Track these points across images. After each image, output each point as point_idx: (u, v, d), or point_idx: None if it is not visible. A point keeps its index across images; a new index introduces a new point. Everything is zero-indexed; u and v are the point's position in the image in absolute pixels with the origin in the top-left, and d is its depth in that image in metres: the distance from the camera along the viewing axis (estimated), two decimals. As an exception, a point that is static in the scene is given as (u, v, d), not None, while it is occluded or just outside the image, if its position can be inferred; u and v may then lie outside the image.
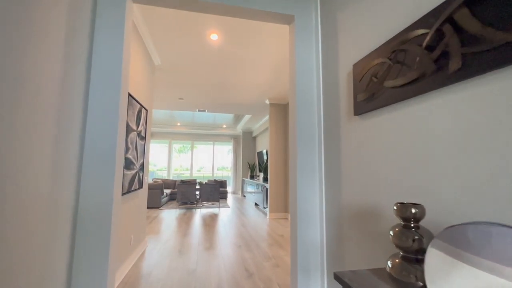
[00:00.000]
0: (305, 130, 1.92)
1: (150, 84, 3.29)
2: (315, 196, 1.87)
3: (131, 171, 2.47)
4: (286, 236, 3.92)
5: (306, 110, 1.93)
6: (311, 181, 1.88)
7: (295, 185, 1.88)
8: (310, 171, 1.88)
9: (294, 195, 1.90)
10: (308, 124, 1.93)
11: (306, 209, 1.85)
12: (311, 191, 1.87)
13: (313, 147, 1.91)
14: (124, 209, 2.41)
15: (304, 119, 1.93)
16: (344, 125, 1.57)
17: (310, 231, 1.84)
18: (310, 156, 1.90)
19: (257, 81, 4.44)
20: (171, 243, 3.45)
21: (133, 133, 2.49)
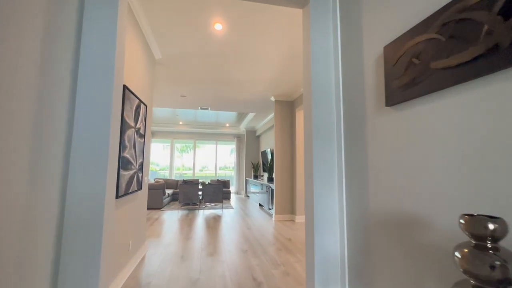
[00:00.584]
0: (322, 126, 1.70)
1: (150, 79, 3.08)
2: (333, 200, 1.65)
3: (128, 172, 2.27)
4: (294, 239, 3.70)
5: (323, 104, 1.72)
6: (329, 184, 1.66)
7: (311, 188, 1.67)
8: (328, 172, 1.67)
9: (310, 198, 1.69)
10: (326, 120, 1.71)
11: (324, 214, 1.64)
12: (329, 194, 1.66)
13: (331, 145, 1.69)
14: (121, 212, 2.22)
15: (321, 115, 1.71)
16: (371, 119, 1.35)
17: (328, 239, 1.63)
18: (328, 156, 1.68)
19: (262, 76, 4.23)
20: (173, 248, 3.25)
21: (131, 130, 2.28)
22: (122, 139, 2.04)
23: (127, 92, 2.15)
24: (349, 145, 1.56)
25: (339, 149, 1.65)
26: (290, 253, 3.13)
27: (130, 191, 2.33)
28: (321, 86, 1.73)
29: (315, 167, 1.66)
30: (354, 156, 1.50)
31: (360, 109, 1.45)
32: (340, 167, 1.63)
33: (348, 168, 1.56)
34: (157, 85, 4.77)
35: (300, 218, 5.04)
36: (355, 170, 1.49)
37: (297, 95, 5.17)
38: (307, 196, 1.73)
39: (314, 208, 1.64)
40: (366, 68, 1.41)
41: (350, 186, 1.54)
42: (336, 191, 1.67)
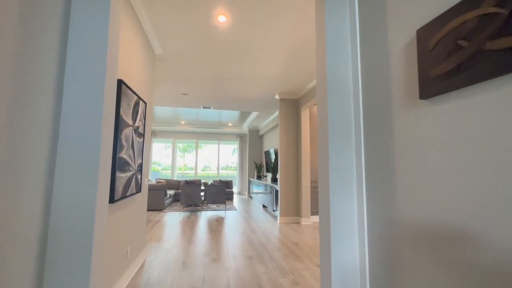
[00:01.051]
0: (338, 122, 1.53)
1: (150, 75, 2.93)
2: (351, 206, 1.48)
3: (126, 173, 2.11)
4: (301, 244, 3.53)
5: (339, 98, 1.54)
6: (346, 187, 1.49)
7: (327, 191, 1.49)
8: (345, 174, 1.49)
9: (325, 203, 1.51)
10: (343, 115, 1.53)
11: (342, 221, 1.46)
12: (347, 199, 1.48)
13: (349, 144, 1.52)
14: (118, 217, 2.06)
15: (338, 109, 1.53)
16: (399, 114, 1.18)
17: (346, 249, 1.46)
18: (346, 156, 1.50)
19: (267, 72, 4.06)
20: (174, 253, 3.09)
21: (128, 128, 2.12)
22: (118, 138, 1.88)
23: (124, 87, 1.99)
24: (371, 144, 1.38)
25: (358, 149, 1.48)
26: (298, 259, 2.95)
27: (128, 194, 2.17)
28: (337, 77, 1.56)
29: (331, 168, 1.49)
30: (377, 156, 1.32)
31: (384, 103, 1.28)
32: (359, 168, 1.46)
33: (369, 170, 1.39)
34: (158, 83, 4.61)
35: (306, 220, 4.86)
36: (378, 172, 1.31)
37: (302, 93, 4.99)
38: (321, 201, 1.56)
39: (330, 215, 1.46)
40: (392, 56, 1.23)
41: (372, 190, 1.37)
42: (354, 196, 1.49)
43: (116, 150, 1.87)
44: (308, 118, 5.12)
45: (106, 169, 1.34)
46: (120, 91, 1.90)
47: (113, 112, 1.41)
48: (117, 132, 1.88)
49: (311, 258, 2.99)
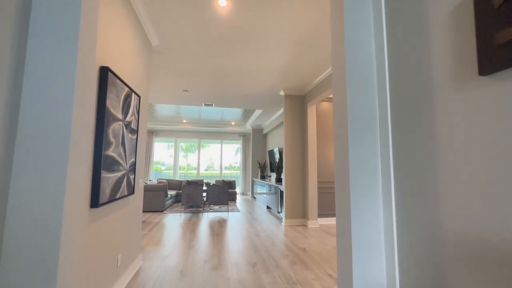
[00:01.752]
0: (360, 116, 1.27)
1: (145, 67, 2.70)
2: (377, 215, 1.23)
3: (115, 174, 1.88)
4: (309, 249, 3.27)
5: (361, 86, 1.29)
6: (370, 193, 1.23)
7: (347, 197, 1.24)
8: (368, 177, 1.24)
9: (344, 211, 1.26)
10: (365, 107, 1.28)
11: (365, 234, 1.21)
12: (371, 206, 1.23)
13: (372, 141, 1.27)
14: (105, 223, 1.83)
15: (358, 100, 1.28)
16: (444, 99, 0.92)
17: (371, 268, 1.20)
18: (369, 154, 1.25)
19: (271, 65, 3.81)
20: (172, 260, 2.86)
21: (117, 123, 1.90)
22: (103, 134, 1.65)
23: (111, 76, 1.76)
24: (401, 139, 1.13)
25: (384, 145, 1.22)
26: (306, 267, 2.70)
27: (117, 196, 1.95)
28: (358, 59, 1.30)
29: (352, 169, 1.24)
30: (411, 154, 1.07)
31: (420, 87, 1.02)
32: (386, 169, 1.21)
33: (400, 171, 1.13)
34: (158, 79, 4.40)
35: (313, 223, 4.60)
36: (411, 174, 1.06)
37: (309, 88, 4.73)
38: (340, 207, 1.31)
39: (351, 224, 1.21)
40: (433, 25, 0.98)
41: (403, 196, 1.11)
42: (380, 203, 1.24)
43: (101, 147, 1.64)
44: (314, 115, 4.86)
45: (80, 169, 1.11)
46: (105, 80, 1.68)
47: (87, 103, 1.17)
48: (102, 126, 1.65)
49: (320, 265, 2.74)
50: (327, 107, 5.11)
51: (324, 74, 4.06)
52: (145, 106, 2.71)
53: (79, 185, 1.10)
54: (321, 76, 4.16)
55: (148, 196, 5.89)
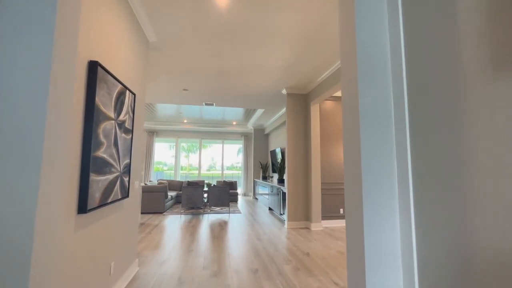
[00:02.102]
0: (373, 112, 1.13)
1: (141, 64, 2.58)
2: (393, 223, 1.09)
3: (106, 176, 1.76)
4: (313, 254, 3.13)
5: (374, 79, 1.15)
6: (385, 198, 1.10)
7: (359, 202, 1.11)
8: (383, 180, 1.10)
9: (356, 217, 1.13)
10: (378, 105, 1.14)
11: (380, 242, 1.07)
12: (386, 213, 1.09)
13: (387, 142, 1.13)
14: (95, 229, 1.71)
15: (372, 95, 1.14)
16: (481, 92, 0.78)
17: (386, 279, 1.07)
18: (383, 157, 1.11)
19: (273, 63, 3.67)
20: (170, 265, 2.74)
21: (109, 122, 1.77)
22: (92, 133, 1.53)
23: (102, 72, 1.63)
24: (421, 138, 0.99)
25: (401, 145, 1.09)
26: (310, 274, 2.56)
27: (109, 200, 1.82)
28: (370, 50, 1.16)
29: (365, 171, 1.10)
30: (433, 155, 0.93)
31: (448, 77, 0.88)
32: (403, 172, 1.07)
33: (420, 174, 0.99)
34: (157, 78, 4.28)
35: (316, 226, 4.46)
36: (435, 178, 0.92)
37: (312, 86, 4.59)
38: (350, 212, 1.18)
39: (364, 231, 1.08)
40: (460, 5, 0.84)
41: (423, 202, 0.97)
42: (396, 209, 1.10)
43: (90, 147, 1.51)
44: (318, 115, 4.71)
45: (59, 173, 0.98)
46: (95, 75, 1.55)
47: (72, 99, 1.05)
48: (90, 125, 1.52)
49: (325, 272, 2.60)
50: (331, 106, 4.97)
51: (328, 72, 3.92)
52: (141, 105, 2.58)
53: (58, 191, 0.98)
54: (325, 74, 4.02)
55: (148, 197, 5.78)
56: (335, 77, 3.77)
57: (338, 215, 4.73)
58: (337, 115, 4.96)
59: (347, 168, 1.22)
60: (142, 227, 4.43)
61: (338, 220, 4.72)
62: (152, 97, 5.46)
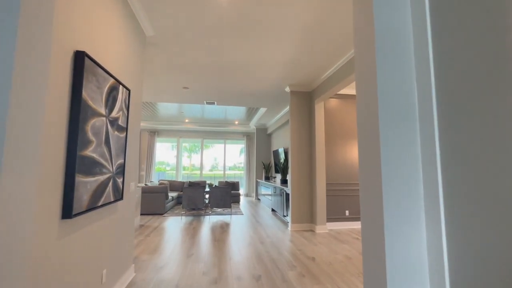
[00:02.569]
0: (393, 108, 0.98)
1: (137, 59, 2.44)
2: (418, 232, 0.94)
3: (96, 177, 1.62)
4: (319, 259, 2.98)
5: (395, 66, 1.00)
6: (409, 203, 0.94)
7: (379, 208, 0.95)
8: (407, 181, 0.95)
9: (375, 226, 0.97)
10: (400, 96, 0.99)
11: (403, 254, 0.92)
12: (409, 220, 0.94)
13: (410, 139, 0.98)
14: (84, 235, 1.57)
15: (392, 85, 0.99)
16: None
17: (410, 300, 0.91)
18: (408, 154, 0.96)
19: (276, 59, 3.52)
20: (168, 271, 2.60)
21: (99, 119, 1.64)
22: (79, 130, 1.39)
23: (90, 64, 1.50)
24: (454, 135, 0.83)
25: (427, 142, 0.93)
26: (317, 281, 2.41)
27: (100, 203, 1.69)
28: (391, 35, 1.01)
29: (385, 174, 0.95)
30: (473, 155, 0.77)
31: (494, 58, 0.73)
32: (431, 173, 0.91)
33: (453, 178, 0.84)
34: (156, 75, 4.15)
35: (321, 228, 4.30)
36: (475, 182, 0.76)
37: (316, 84, 4.43)
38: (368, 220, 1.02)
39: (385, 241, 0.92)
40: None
41: (457, 210, 0.82)
42: (422, 218, 0.95)
43: (75, 146, 1.37)
44: (322, 113, 4.55)
45: (27, 177, 0.84)
46: (81, 66, 1.41)
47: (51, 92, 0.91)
48: (76, 122, 1.39)
49: (332, 279, 2.44)
50: (336, 104, 4.80)
51: (334, 68, 3.76)
52: (137, 101, 2.45)
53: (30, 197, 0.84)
54: (330, 70, 3.86)
55: (148, 198, 5.65)
56: (341, 74, 3.61)
57: (344, 217, 4.57)
58: (342, 114, 4.80)
59: (363, 168, 1.07)
60: (141, 229, 4.31)
61: (344, 222, 4.55)
62: (152, 96, 5.34)
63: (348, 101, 4.85)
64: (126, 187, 2.22)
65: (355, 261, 2.92)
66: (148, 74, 4.14)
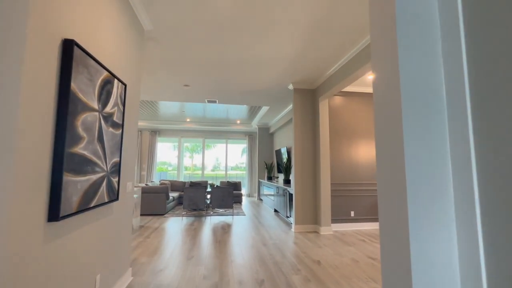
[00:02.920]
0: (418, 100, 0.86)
1: (135, 53, 2.33)
2: (449, 247, 0.81)
3: (88, 176, 1.51)
4: (324, 262, 2.85)
5: (418, 58, 0.88)
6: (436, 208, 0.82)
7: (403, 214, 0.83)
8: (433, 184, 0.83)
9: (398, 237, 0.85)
10: (426, 88, 0.87)
11: (433, 271, 0.80)
12: (438, 233, 0.82)
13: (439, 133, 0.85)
14: (75, 238, 1.46)
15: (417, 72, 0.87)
16: None
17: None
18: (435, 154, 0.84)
19: (280, 53, 3.40)
20: (167, 275, 2.49)
21: (91, 114, 1.53)
22: (68, 125, 1.28)
23: (80, 53, 1.39)
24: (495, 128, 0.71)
25: (459, 137, 0.81)
26: (323, 286, 2.28)
27: (93, 204, 1.58)
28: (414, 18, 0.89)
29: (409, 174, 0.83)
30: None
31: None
32: (464, 172, 0.79)
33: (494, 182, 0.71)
34: (156, 73, 4.05)
35: (325, 229, 4.17)
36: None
37: (321, 81, 4.31)
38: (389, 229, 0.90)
39: (411, 264, 0.80)
40: None
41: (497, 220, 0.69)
42: (453, 228, 0.83)
43: (63, 142, 1.26)
44: (327, 111, 4.42)
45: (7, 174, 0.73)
46: (70, 56, 1.30)
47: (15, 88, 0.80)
48: (65, 116, 1.28)
49: (339, 284, 2.32)
50: (340, 102, 4.67)
51: (339, 64, 3.63)
52: (134, 97, 2.34)
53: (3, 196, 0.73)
54: (335, 66, 3.73)
55: (148, 198, 5.56)
56: (346, 70, 3.48)
57: (349, 218, 4.44)
58: (347, 111, 4.66)
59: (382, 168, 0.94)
60: (141, 231, 4.20)
61: (349, 224, 4.42)
62: (152, 94, 5.24)
63: (354, 99, 4.71)
64: (122, 187, 2.12)
65: (362, 264, 2.79)
66: (148, 72, 4.04)
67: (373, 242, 3.62)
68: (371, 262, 2.85)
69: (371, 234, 4.09)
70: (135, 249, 3.25)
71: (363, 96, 4.74)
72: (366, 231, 4.29)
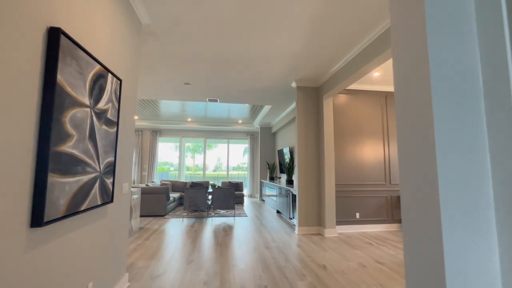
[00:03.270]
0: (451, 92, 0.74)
1: (131, 48, 2.22)
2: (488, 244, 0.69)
3: (78, 177, 1.40)
4: (330, 267, 2.72)
5: (451, 44, 0.75)
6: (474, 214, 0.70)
7: (435, 221, 0.71)
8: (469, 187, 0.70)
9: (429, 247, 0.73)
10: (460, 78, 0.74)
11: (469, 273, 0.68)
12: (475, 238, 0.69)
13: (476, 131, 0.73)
14: (62, 245, 1.34)
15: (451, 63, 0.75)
16: None
17: None
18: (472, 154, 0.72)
19: (283, 49, 3.28)
20: (165, 280, 2.37)
21: (81, 109, 1.41)
22: (54, 121, 1.17)
23: (67, 43, 1.27)
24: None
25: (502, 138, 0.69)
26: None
27: (83, 207, 1.46)
28: None
29: (442, 176, 0.70)
30: None
31: None
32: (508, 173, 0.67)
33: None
34: (156, 70, 3.94)
35: (330, 232, 4.04)
36: None
37: (325, 78, 4.18)
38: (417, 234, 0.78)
39: (445, 265, 0.68)
40: None
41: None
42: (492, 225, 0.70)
43: (48, 140, 1.15)
44: (331, 109, 4.29)
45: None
46: (56, 45, 1.19)
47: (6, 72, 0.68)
48: (50, 111, 1.16)
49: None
50: (345, 100, 4.54)
51: (344, 61, 3.50)
52: (130, 93, 2.23)
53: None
54: (340, 63, 3.61)
55: (148, 199, 5.45)
56: (351, 67, 3.35)
57: (355, 220, 4.30)
58: (352, 110, 4.53)
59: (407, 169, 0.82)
60: (140, 232, 4.10)
61: (355, 226, 4.29)
62: (152, 93, 5.14)
63: (359, 97, 4.58)
64: (117, 189, 2.00)
65: (370, 269, 2.66)
66: (147, 70, 3.93)
67: (380, 245, 3.49)
68: (379, 267, 2.72)
69: (377, 236, 3.96)
70: (133, 252, 3.14)
71: (369, 94, 4.61)
72: (372, 233, 4.15)
